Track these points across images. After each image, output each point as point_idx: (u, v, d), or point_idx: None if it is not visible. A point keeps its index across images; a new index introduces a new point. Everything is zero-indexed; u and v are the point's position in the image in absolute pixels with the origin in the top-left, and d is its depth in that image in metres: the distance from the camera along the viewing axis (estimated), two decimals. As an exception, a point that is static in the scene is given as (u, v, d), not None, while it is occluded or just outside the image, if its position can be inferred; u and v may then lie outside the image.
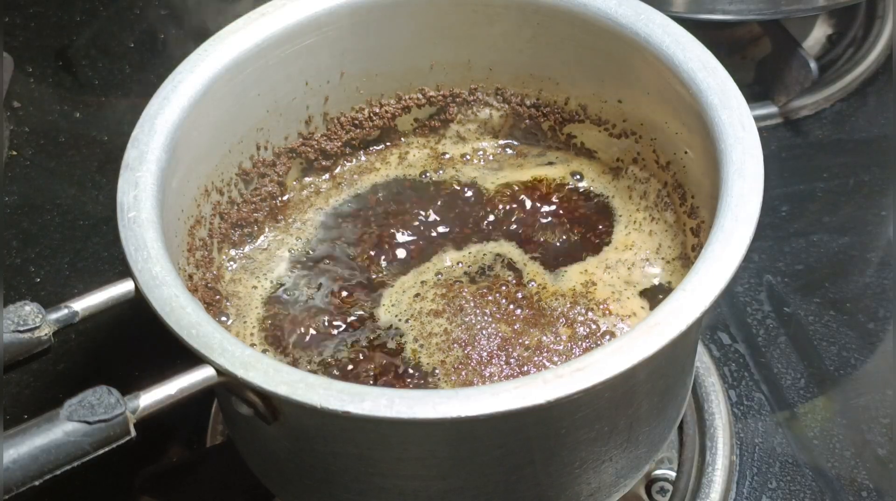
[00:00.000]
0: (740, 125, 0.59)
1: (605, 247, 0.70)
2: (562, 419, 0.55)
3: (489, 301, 0.67)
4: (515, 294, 0.68)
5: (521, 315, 0.66)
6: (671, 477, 0.75)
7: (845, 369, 0.82)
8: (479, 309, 0.67)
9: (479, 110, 0.77)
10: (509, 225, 0.72)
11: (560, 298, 0.68)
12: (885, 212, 0.93)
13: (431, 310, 0.67)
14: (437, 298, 0.68)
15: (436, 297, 0.68)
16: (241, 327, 0.67)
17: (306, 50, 0.70)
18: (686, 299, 0.52)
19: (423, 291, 0.68)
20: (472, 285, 0.68)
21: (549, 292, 0.68)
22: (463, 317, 0.66)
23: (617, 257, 0.69)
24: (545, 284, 0.68)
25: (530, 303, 0.67)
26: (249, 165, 0.71)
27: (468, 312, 0.67)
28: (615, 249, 0.70)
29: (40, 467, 0.46)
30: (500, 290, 0.68)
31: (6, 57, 1.08)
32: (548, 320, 0.66)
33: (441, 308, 0.67)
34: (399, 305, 0.68)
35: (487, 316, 0.66)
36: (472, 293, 0.68)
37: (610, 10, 0.67)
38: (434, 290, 0.68)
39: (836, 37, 1.10)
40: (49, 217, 0.96)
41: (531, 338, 0.65)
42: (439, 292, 0.68)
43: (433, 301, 0.68)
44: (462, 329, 0.66)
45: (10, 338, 0.51)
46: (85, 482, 0.64)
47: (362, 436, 0.54)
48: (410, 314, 0.67)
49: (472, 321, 0.66)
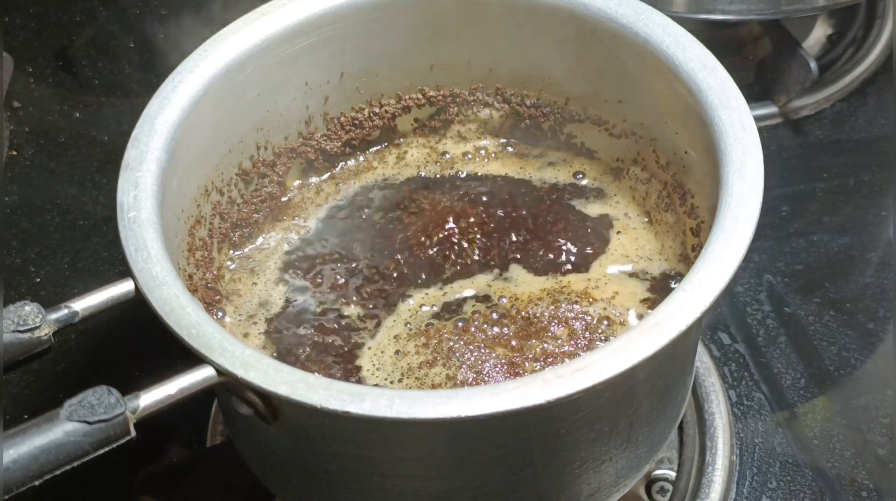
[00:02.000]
0: (740, 125, 0.59)
1: (606, 248, 0.70)
2: (562, 419, 0.55)
3: (473, 332, 0.65)
4: (491, 315, 0.66)
5: (510, 333, 0.65)
6: (671, 477, 0.75)
7: (845, 369, 0.82)
8: (469, 345, 0.65)
9: (479, 110, 0.77)
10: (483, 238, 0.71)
11: (538, 302, 0.67)
12: (885, 212, 0.93)
13: (423, 362, 0.65)
14: (421, 348, 0.66)
15: (418, 348, 0.66)
16: (241, 327, 0.67)
17: (306, 50, 0.70)
18: (686, 299, 0.52)
19: (401, 346, 0.66)
20: (447, 323, 0.66)
21: (522, 300, 0.67)
22: (459, 358, 0.64)
23: (616, 256, 0.70)
24: (514, 294, 0.67)
25: (512, 318, 0.66)
26: (249, 165, 0.71)
27: (459, 351, 0.64)
28: (614, 250, 0.70)
29: (40, 467, 0.46)
30: (475, 319, 0.66)
31: (6, 57, 1.08)
32: (539, 326, 0.65)
33: (431, 358, 0.65)
34: (384, 368, 0.65)
35: (482, 347, 0.64)
36: (452, 332, 0.66)
37: (610, 10, 0.67)
38: (412, 341, 0.66)
39: (836, 37, 1.10)
40: (49, 217, 0.96)
41: (533, 350, 0.64)
42: (419, 342, 0.66)
43: (418, 354, 0.65)
44: (465, 370, 0.63)
45: (10, 338, 0.51)
46: (85, 482, 0.65)
47: (362, 436, 0.54)
48: (401, 373, 0.64)
49: (470, 358, 0.64)
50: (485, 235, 0.71)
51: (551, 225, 0.72)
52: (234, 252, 0.71)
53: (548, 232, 0.71)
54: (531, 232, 0.71)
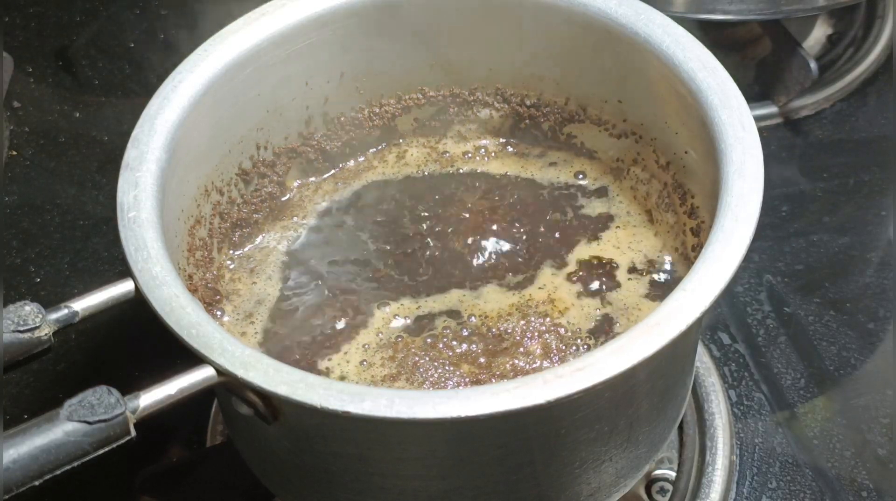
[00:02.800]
0: (740, 125, 0.59)
1: (598, 245, 0.70)
2: (562, 419, 0.55)
3: (441, 349, 0.65)
4: (461, 332, 0.66)
5: (479, 350, 0.64)
6: (671, 477, 0.75)
7: (845, 369, 0.82)
8: (434, 362, 0.64)
9: (479, 110, 0.77)
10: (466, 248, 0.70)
11: (508, 317, 0.66)
12: (885, 212, 0.93)
13: (386, 376, 0.64)
14: (386, 361, 0.65)
15: (384, 361, 0.65)
16: (239, 326, 0.67)
17: (306, 50, 0.70)
18: (686, 299, 0.52)
19: (367, 356, 0.65)
20: (416, 338, 0.66)
21: (492, 318, 0.66)
22: (422, 374, 0.63)
23: (614, 258, 0.70)
24: (484, 312, 0.66)
25: (481, 335, 0.65)
26: (249, 165, 0.71)
27: (424, 366, 0.64)
28: (615, 248, 0.70)
29: (40, 467, 0.46)
30: (445, 335, 0.65)
31: (6, 57, 1.08)
32: (512, 342, 0.64)
33: (395, 372, 0.64)
34: (347, 377, 0.64)
35: (446, 364, 0.64)
36: (419, 348, 0.65)
37: (610, 10, 0.67)
38: (380, 353, 0.65)
39: (836, 37, 1.10)
40: (49, 217, 0.96)
41: (502, 367, 0.63)
42: (386, 354, 0.65)
43: (382, 366, 0.64)
44: (428, 386, 0.63)
45: (10, 338, 0.51)
46: (85, 482, 0.65)
47: (362, 436, 0.54)
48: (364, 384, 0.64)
49: (434, 375, 0.63)
50: (485, 238, 0.71)
51: (551, 227, 0.72)
52: (234, 252, 0.71)
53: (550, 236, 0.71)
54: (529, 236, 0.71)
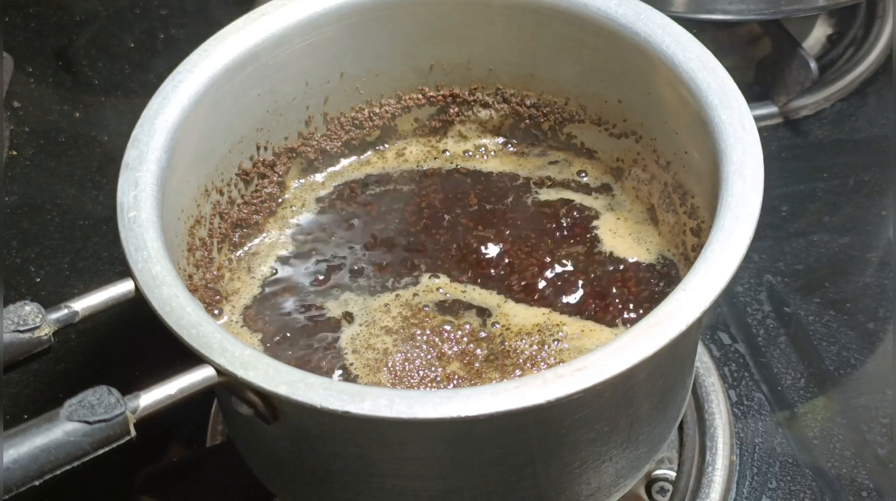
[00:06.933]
0: (740, 125, 0.59)
1: (599, 246, 0.70)
2: (562, 419, 0.55)
3: (445, 339, 0.65)
4: (479, 333, 0.65)
5: (480, 355, 0.64)
6: (671, 477, 0.75)
7: (845, 369, 0.82)
8: (428, 345, 0.64)
9: (479, 110, 0.77)
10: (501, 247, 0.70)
11: (526, 336, 0.65)
12: (885, 212, 0.93)
13: (385, 327, 0.66)
14: (398, 317, 0.66)
15: (397, 316, 0.67)
16: (237, 326, 0.67)
17: (306, 50, 0.70)
18: (686, 299, 0.52)
19: (392, 302, 0.67)
20: (438, 318, 0.66)
21: (513, 332, 0.66)
22: (409, 346, 0.64)
23: (615, 257, 0.70)
24: (508, 324, 0.66)
25: (492, 343, 0.65)
26: (249, 165, 0.71)
27: (418, 342, 0.64)
28: (614, 248, 0.70)
29: (40, 467, 0.46)
30: (463, 328, 0.66)
31: (6, 57, 1.08)
32: (514, 362, 0.64)
33: (396, 327, 0.66)
34: (366, 312, 0.66)
35: (432, 354, 0.64)
36: (433, 328, 0.65)
37: (610, 10, 0.67)
38: (401, 309, 0.67)
39: (836, 37, 1.10)
40: (49, 217, 0.96)
41: (488, 380, 0.62)
42: (404, 312, 0.67)
43: (393, 318, 0.66)
44: (400, 358, 0.63)
45: (10, 338, 0.51)
46: (85, 482, 0.65)
47: (362, 436, 0.54)
48: (370, 319, 0.66)
49: (414, 355, 0.64)
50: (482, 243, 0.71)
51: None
52: (234, 252, 0.71)
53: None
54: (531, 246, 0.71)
